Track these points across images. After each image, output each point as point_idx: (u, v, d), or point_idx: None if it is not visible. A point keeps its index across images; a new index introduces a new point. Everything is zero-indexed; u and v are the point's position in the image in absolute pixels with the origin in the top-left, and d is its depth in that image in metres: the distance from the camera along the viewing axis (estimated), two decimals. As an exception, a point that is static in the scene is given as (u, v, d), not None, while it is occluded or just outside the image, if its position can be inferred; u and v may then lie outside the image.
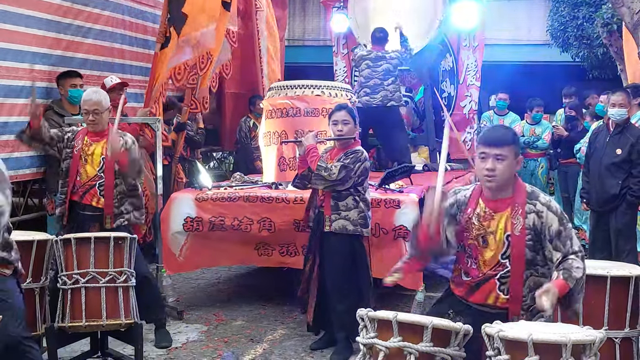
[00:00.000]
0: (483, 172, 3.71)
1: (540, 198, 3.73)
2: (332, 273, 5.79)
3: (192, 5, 8.14)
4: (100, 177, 5.78)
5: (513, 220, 3.69)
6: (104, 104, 5.84)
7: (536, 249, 3.67)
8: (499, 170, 3.67)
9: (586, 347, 3.07)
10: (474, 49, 10.62)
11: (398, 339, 3.18)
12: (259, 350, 5.96)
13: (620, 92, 7.09)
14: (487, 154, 3.69)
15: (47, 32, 7.43)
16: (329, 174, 5.60)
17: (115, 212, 5.81)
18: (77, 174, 5.79)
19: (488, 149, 3.70)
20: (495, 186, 3.72)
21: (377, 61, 9.15)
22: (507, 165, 3.68)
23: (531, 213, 3.68)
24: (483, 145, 3.74)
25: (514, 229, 3.67)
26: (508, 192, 3.75)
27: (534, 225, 3.66)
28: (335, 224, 5.71)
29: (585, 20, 13.36)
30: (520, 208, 3.69)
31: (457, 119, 10.60)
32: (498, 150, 3.67)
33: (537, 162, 11.05)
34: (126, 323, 5.15)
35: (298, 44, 19.00)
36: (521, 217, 3.67)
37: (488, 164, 3.68)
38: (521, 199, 3.71)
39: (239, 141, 10.49)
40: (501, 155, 3.67)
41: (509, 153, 3.69)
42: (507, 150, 3.69)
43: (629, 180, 6.92)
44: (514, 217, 3.69)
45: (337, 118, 5.81)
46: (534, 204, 3.70)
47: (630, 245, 7.05)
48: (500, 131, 3.85)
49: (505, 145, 3.69)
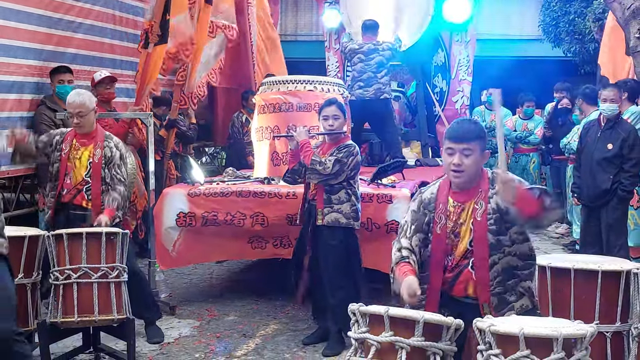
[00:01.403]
0: (450, 167, 3.70)
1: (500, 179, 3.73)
2: (325, 266, 5.81)
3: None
4: (87, 182, 5.74)
5: (476, 206, 3.69)
6: (88, 105, 5.76)
7: (501, 231, 3.65)
8: (466, 165, 3.66)
9: (577, 341, 3.08)
10: (466, 44, 10.66)
11: (390, 334, 3.18)
12: (251, 346, 5.97)
13: (611, 88, 7.11)
14: (454, 149, 3.68)
15: (38, 27, 7.40)
16: (323, 168, 5.62)
17: None
18: (65, 176, 5.75)
19: (454, 144, 3.68)
20: (463, 182, 3.72)
21: (369, 54, 9.15)
22: (474, 159, 3.67)
23: (493, 197, 3.68)
24: (449, 140, 3.71)
25: (476, 214, 3.68)
26: (474, 182, 3.75)
27: (497, 206, 3.65)
28: (328, 217, 5.73)
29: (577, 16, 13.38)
30: (484, 193, 3.70)
31: (449, 113, 10.64)
32: (465, 145, 3.66)
33: (529, 157, 11.10)
34: (118, 318, 5.15)
35: (290, 39, 18.96)
36: (484, 202, 3.67)
37: (455, 159, 3.66)
38: (485, 185, 3.72)
39: (232, 136, 10.48)
40: (468, 149, 3.66)
41: (475, 147, 3.68)
42: (473, 144, 3.67)
43: (620, 175, 6.94)
44: (477, 203, 3.69)
45: (327, 113, 5.82)
46: (494, 187, 3.69)
47: (622, 240, 7.07)
48: (467, 126, 3.78)
49: (472, 140, 3.67)
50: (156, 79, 8.23)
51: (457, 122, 3.92)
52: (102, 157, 5.73)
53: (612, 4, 7.36)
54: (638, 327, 4.24)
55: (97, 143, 5.77)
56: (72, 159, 5.76)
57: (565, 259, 4.84)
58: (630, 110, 7.64)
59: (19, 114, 7.08)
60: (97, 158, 5.72)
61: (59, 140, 5.81)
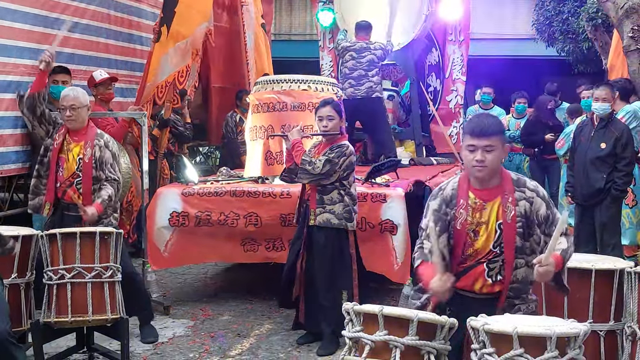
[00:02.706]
0: (472, 163, 3.69)
1: (527, 184, 3.76)
2: (317, 267, 5.81)
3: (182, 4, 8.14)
4: (77, 175, 5.72)
5: (504, 209, 3.68)
6: (82, 100, 5.77)
7: (525, 236, 3.68)
8: (489, 161, 3.66)
9: (571, 339, 3.09)
10: (459, 43, 10.65)
11: (384, 333, 3.19)
12: (245, 345, 5.96)
13: (603, 87, 7.12)
14: (476, 146, 3.66)
15: (34, 27, 7.39)
16: (312, 167, 5.63)
17: None
18: (58, 167, 5.73)
19: (476, 140, 3.67)
20: (486, 176, 3.70)
21: (361, 52, 9.16)
22: (497, 155, 3.68)
23: (522, 200, 3.69)
24: (471, 136, 3.70)
25: (506, 217, 3.67)
26: (495, 181, 3.74)
27: (525, 212, 3.68)
28: (320, 217, 5.73)
29: (571, 15, 13.41)
30: (510, 196, 3.69)
31: (443, 113, 10.64)
32: (487, 141, 3.65)
33: (523, 156, 11.10)
34: (112, 318, 5.14)
35: (284, 38, 18.98)
36: (512, 205, 3.67)
37: (477, 156, 3.65)
38: (509, 187, 3.72)
39: (226, 136, 10.47)
40: (490, 145, 3.65)
41: (497, 143, 3.68)
42: (495, 140, 3.67)
43: (614, 174, 6.94)
44: (504, 205, 3.68)
45: (322, 114, 5.82)
46: (522, 190, 3.72)
47: (615, 239, 7.09)
48: (487, 121, 3.76)
49: (494, 135, 3.67)
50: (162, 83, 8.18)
51: (476, 116, 3.94)
52: (92, 157, 5.72)
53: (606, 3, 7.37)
54: (631, 326, 4.25)
55: (88, 142, 5.75)
56: (64, 151, 5.74)
57: (558, 257, 4.84)
58: (625, 109, 7.65)
59: (14, 113, 7.06)
60: (87, 158, 5.70)
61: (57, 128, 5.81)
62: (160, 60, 8.06)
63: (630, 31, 7.07)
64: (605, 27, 11.03)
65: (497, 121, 3.86)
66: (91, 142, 5.75)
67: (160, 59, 8.06)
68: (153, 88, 8.06)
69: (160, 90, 8.18)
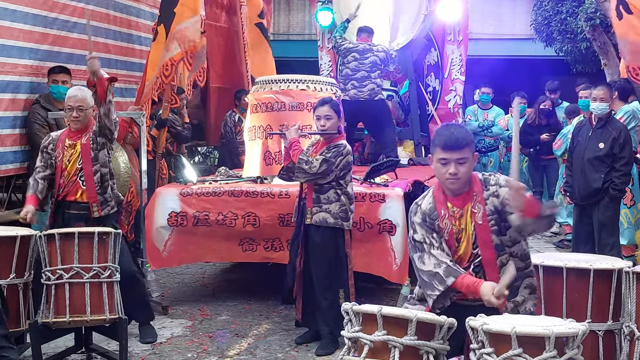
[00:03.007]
0: (445, 176, 3.70)
1: (491, 180, 3.76)
2: (314, 266, 5.82)
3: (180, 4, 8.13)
4: (80, 170, 5.74)
5: (474, 210, 3.71)
6: (89, 101, 5.78)
7: (502, 231, 3.68)
8: (462, 173, 3.68)
9: (569, 339, 3.09)
10: (458, 43, 10.67)
11: (382, 333, 3.19)
12: (244, 345, 5.96)
13: (601, 87, 7.12)
14: (448, 159, 3.67)
15: (33, 27, 7.38)
16: (309, 166, 5.63)
17: (100, 199, 5.76)
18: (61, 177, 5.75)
19: (449, 153, 3.67)
20: (458, 187, 3.74)
21: (364, 53, 9.15)
22: (469, 166, 3.71)
23: (489, 198, 3.70)
24: (442, 150, 3.69)
25: (476, 218, 3.69)
26: (466, 187, 3.76)
27: (495, 208, 3.68)
28: (316, 216, 5.74)
29: (569, 15, 13.40)
30: (479, 196, 3.71)
31: (442, 113, 10.66)
32: (459, 154, 3.66)
33: (521, 156, 11.10)
34: (110, 318, 5.14)
35: (283, 38, 18.98)
36: (481, 205, 3.69)
37: (451, 169, 3.67)
38: (478, 188, 3.74)
39: (224, 136, 10.47)
40: (463, 158, 3.67)
41: (469, 154, 3.70)
42: (467, 151, 3.69)
43: (612, 174, 6.95)
44: (474, 207, 3.71)
45: (320, 113, 5.82)
46: (488, 188, 3.73)
47: (614, 238, 7.09)
48: (458, 133, 3.74)
49: (465, 147, 3.68)
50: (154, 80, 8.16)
51: (445, 129, 3.85)
52: (90, 138, 5.74)
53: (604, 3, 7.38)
54: (629, 326, 4.26)
55: (87, 131, 5.78)
56: (65, 161, 5.74)
57: (557, 257, 4.85)
58: (624, 109, 7.67)
59: (13, 113, 7.06)
60: (85, 140, 5.73)
61: (52, 149, 5.80)
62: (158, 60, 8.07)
63: (628, 31, 7.08)
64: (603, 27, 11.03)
65: (466, 131, 3.86)
66: (90, 130, 5.79)
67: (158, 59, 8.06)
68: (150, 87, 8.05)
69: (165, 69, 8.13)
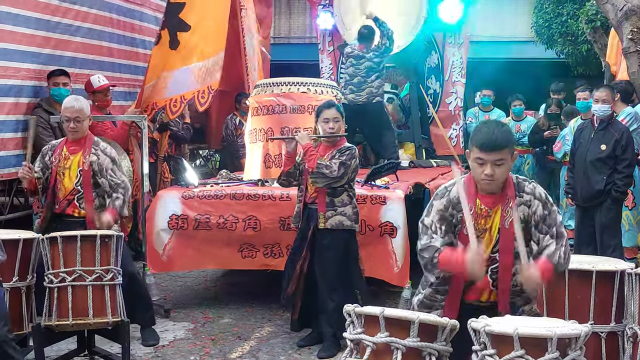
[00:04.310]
0: (481, 177, 3.59)
1: (526, 188, 3.68)
2: (323, 268, 5.80)
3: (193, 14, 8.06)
4: (78, 191, 5.72)
5: (504, 214, 3.63)
6: (85, 111, 5.78)
7: (525, 240, 3.59)
8: (498, 175, 3.56)
9: (571, 341, 3.08)
10: (459, 45, 10.69)
11: (385, 335, 3.19)
12: (246, 348, 5.96)
13: (603, 89, 7.13)
14: (485, 160, 3.55)
15: (35, 31, 7.39)
16: (330, 171, 5.62)
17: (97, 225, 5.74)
18: (55, 188, 5.74)
19: (486, 155, 3.54)
20: (495, 188, 3.63)
21: (359, 59, 9.16)
22: (506, 168, 3.59)
23: (521, 205, 3.63)
24: (480, 150, 3.56)
25: (505, 222, 3.63)
26: (501, 188, 3.66)
27: (524, 216, 3.62)
28: (332, 220, 5.72)
29: (570, 17, 13.42)
30: (511, 201, 3.63)
31: (443, 115, 10.67)
32: (497, 156, 3.54)
33: (524, 158, 11.11)
34: (113, 321, 5.13)
35: (284, 41, 19.00)
36: (512, 210, 3.62)
37: (487, 170, 3.55)
38: (511, 192, 3.65)
39: (225, 139, 10.48)
40: (501, 159, 3.55)
41: (507, 155, 3.58)
42: (505, 152, 3.56)
43: (614, 175, 6.95)
44: (504, 211, 3.63)
45: (328, 116, 5.80)
46: (521, 195, 3.65)
47: (615, 240, 7.09)
48: (497, 133, 3.57)
49: (504, 148, 3.56)
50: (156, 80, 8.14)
51: (485, 127, 3.68)
52: (91, 165, 5.71)
53: (605, 5, 7.37)
54: (633, 328, 4.25)
55: (86, 150, 5.76)
56: (61, 171, 5.74)
57: (559, 259, 4.84)
58: (626, 111, 7.67)
59: (15, 117, 7.08)
60: (86, 165, 5.71)
61: (49, 154, 5.81)
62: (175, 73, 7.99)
63: (630, 33, 7.06)
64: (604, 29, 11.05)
65: (507, 131, 3.71)
66: (89, 150, 5.75)
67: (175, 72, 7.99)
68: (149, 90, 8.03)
69: (173, 104, 8.05)
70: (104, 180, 5.72)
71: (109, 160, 5.79)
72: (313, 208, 5.82)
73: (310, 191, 5.84)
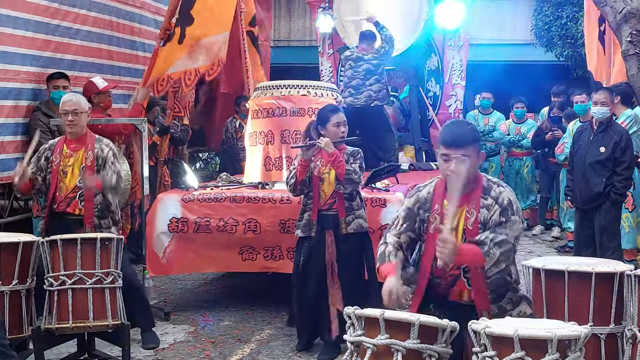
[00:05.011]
0: (447, 172, 3.65)
1: (492, 192, 3.69)
2: (351, 273, 5.76)
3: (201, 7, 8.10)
4: (80, 189, 5.73)
5: (467, 214, 3.66)
6: (83, 105, 5.84)
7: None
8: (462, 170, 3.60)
9: (571, 342, 3.09)
10: (458, 48, 10.69)
11: (385, 337, 3.19)
12: (246, 351, 5.97)
13: (602, 91, 7.13)
14: (449, 155, 3.62)
15: (35, 34, 7.41)
16: (358, 176, 5.66)
17: (95, 222, 5.73)
18: (56, 189, 5.74)
19: (450, 150, 3.62)
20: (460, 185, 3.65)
21: (357, 62, 9.17)
22: (471, 164, 3.63)
23: (483, 207, 3.65)
24: (444, 146, 3.64)
25: (468, 223, 3.65)
26: (469, 187, 3.67)
27: (484, 219, 3.63)
28: (353, 224, 5.74)
29: (569, 20, 13.44)
30: (475, 202, 3.66)
31: (443, 118, 10.64)
32: (461, 152, 3.60)
33: (523, 161, 11.11)
34: (113, 324, 5.14)
35: (284, 44, 19.00)
36: (475, 211, 3.64)
37: (452, 166, 3.61)
38: (478, 193, 3.68)
39: (225, 142, 10.49)
40: (465, 155, 3.61)
41: (472, 152, 3.63)
42: (470, 149, 3.62)
43: (613, 178, 6.95)
44: (468, 212, 3.66)
45: (339, 120, 5.78)
46: (486, 197, 3.67)
47: (615, 242, 7.09)
48: (461, 130, 3.71)
49: (467, 145, 3.62)
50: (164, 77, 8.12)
51: (450, 125, 3.83)
52: (95, 160, 5.74)
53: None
54: (632, 329, 4.25)
55: (88, 146, 5.79)
56: (62, 170, 5.75)
57: (559, 261, 4.85)
58: (626, 113, 7.67)
59: (15, 120, 7.09)
60: (89, 161, 5.73)
61: (48, 155, 5.81)
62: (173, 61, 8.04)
63: (629, 35, 7.07)
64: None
65: (471, 129, 3.78)
66: (91, 146, 5.79)
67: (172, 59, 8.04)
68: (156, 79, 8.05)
69: (160, 83, 8.09)
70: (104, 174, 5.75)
71: (112, 154, 5.85)
72: (330, 214, 5.76)
73: (324, 197, 5.79)
